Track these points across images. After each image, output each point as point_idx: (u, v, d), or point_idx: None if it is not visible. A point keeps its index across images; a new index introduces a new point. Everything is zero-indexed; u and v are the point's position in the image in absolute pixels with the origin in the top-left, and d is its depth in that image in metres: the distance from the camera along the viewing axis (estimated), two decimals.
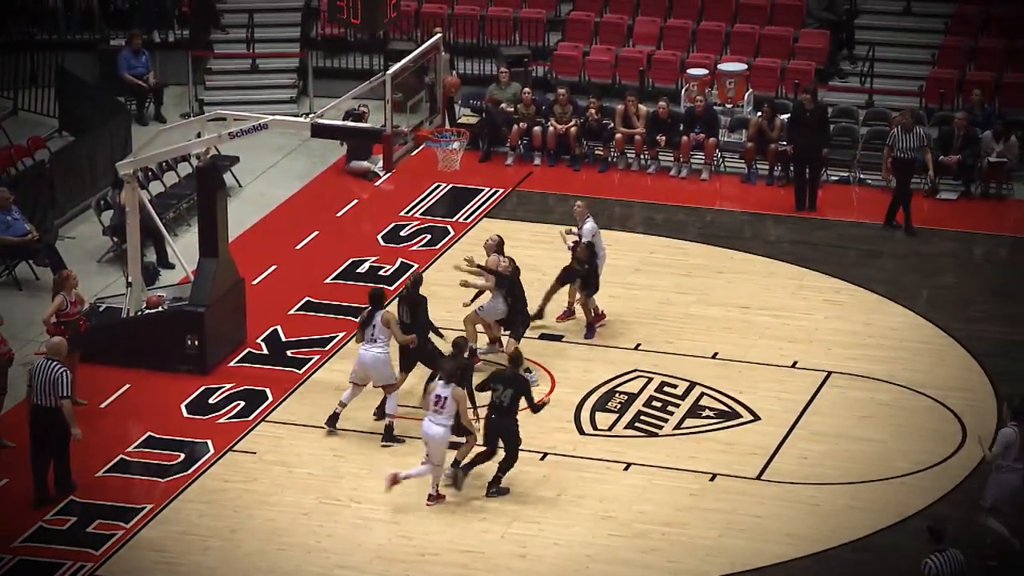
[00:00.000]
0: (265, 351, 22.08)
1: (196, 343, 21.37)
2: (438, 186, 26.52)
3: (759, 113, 27.01)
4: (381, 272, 24.05)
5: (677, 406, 20.92)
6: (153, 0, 30.16)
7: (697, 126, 26.96)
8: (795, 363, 21.80)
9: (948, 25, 29.07)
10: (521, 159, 27.57)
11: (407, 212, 25.88)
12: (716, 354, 21.91)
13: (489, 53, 29.63)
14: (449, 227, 25.31)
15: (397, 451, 19.93)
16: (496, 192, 26.43)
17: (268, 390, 21.22)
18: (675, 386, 21.31)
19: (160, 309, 21.77)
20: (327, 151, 27.54)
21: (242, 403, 20.95)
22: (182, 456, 19.92)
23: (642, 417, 20.72)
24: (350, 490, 19.30)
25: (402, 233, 25.24)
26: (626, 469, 19.63)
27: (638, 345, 22.19)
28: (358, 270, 24.15)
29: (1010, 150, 26.20)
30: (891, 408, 20.87)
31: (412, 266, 23.98)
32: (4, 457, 19.67)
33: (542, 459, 19.82)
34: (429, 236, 25.09)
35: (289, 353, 22.04)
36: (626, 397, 21.12)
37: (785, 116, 26.59)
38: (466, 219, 25.62)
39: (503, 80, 27.99)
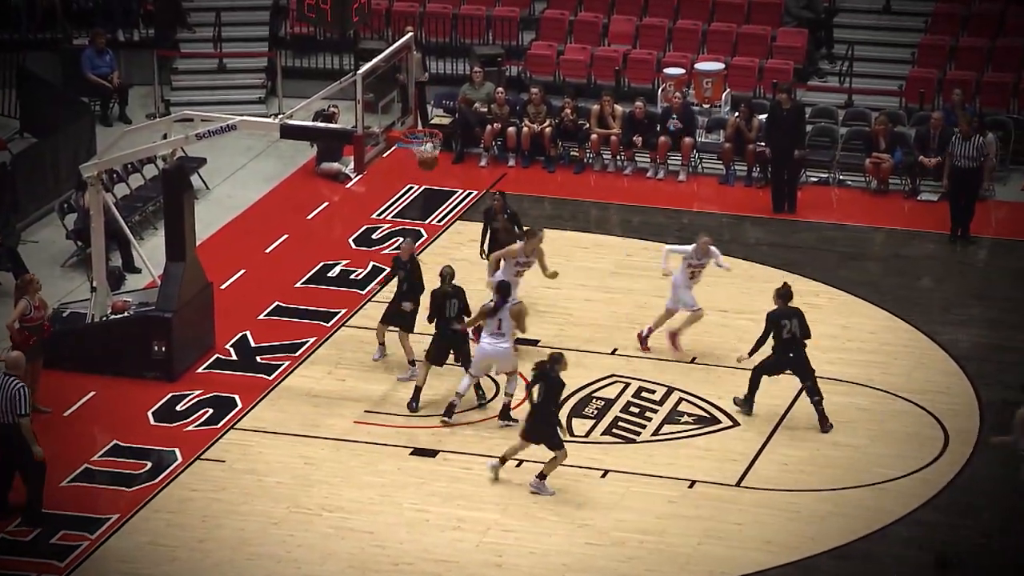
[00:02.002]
0: (234, 357, 21.81)
1: (163, 349, 21.13)
2: (411, 188, 26.22)
3: (736, 113, 26.74)
4: (352, 276, 23.76)
5: (655, 412, 20.70)
6: None
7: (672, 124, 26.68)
8: None
9: (928, 24, 28.90)
10: (495, 160, 27.31)
11: (379, 215, 25.59)
12: (695, 359, 21.63)
13: (462, 52, 29.37)
14: (422, 230, 25.02)
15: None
16: (470, 194, 26.14)
17: (237, 397, 20.95)
18: (653, 391, 21.09)
19: (126, 314, 21.53)
20: (297, 152, 27.29)
21: (210, 410, 20.68)
22: (149, 465, 19.66)
23: (619, 423, 20.50)
24: (321, 499, 19.04)
25: (374, 236, 24.95)
26: (603, 476, 19.39)
27: (615, 350, 21.93)
28: (329, 274, 23.87)
29: (988, 147, 25.90)
30: (871, 413, 20.69)
31: (383, 269, 23.67)
32: None
33: (518, 467, 19.55)
34: (402, 239, 24.77)
35: (259, 359, 21.77)
36: (603, 403, 20.86)
37: (763, 116, 26.30)
38: (439, 221, 25.36)
39: (476, 80, 27.69)
